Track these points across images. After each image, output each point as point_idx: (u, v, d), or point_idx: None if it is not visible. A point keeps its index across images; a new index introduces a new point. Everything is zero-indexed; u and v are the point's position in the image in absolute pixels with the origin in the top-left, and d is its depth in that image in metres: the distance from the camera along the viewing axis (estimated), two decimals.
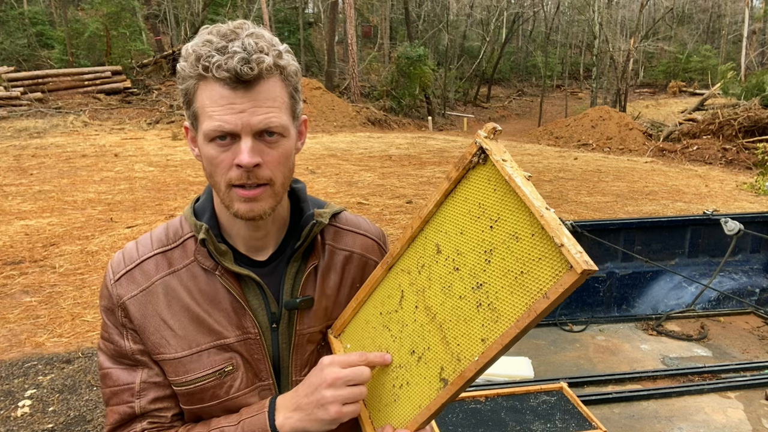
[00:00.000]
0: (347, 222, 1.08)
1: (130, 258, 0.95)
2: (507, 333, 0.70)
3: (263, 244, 0.97)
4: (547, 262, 0.67)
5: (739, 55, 30.58)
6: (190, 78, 0.83)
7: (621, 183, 10.97)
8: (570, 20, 38.24)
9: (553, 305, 0.67)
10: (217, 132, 0.81)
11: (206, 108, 0.82)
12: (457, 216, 0.80)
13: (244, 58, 0.78)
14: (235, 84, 0.79)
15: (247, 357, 0.94)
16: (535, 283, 0.68)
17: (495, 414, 2.10)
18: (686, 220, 3.84)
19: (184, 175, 10.13)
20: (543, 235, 0.68)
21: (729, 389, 2.44)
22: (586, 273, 0.63)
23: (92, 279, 5.28)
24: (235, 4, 25.39)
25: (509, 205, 0.73)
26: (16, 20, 22.12)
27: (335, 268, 1.02)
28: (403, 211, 8.00)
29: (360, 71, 25.08)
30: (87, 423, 3.20)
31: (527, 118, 28.34)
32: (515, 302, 0.70)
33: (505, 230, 0.73)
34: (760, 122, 14.65)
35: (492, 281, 0.74)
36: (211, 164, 0.85)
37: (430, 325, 0.82)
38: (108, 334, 0.95)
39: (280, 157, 0.86)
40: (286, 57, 0.84)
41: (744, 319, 3.39)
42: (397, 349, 0.87)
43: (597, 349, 2.97)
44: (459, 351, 0.77)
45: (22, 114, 16.22)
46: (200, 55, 0.80)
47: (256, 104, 0.81)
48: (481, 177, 0.77)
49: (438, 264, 0.82)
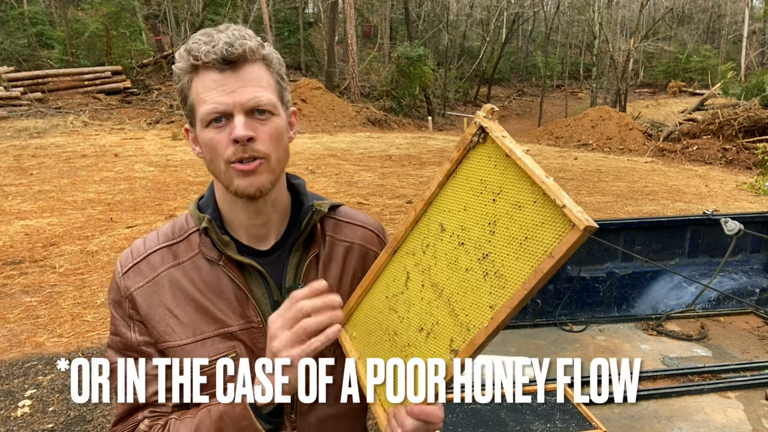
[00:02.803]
0: (347, 215, 1.10)
1: (138, 252, 0.99)
2: (515, 296, 0.73)
3: (265, 233, 1.00)
4: (550, 224, 0.70)
5: (739, 55, 30.58)
6: (184, 74, 0.89)
7: (621, 183, 10.97)
8: (570, 20, 38.24)
9: (557, 264, 0.69)
10: (213, 114, 0.87)
11: (200, 95, 0.88)
12: (460, 194, 0.82)
13: (229, 42, 0.86)
14: (223, 66, 0.86)
15: (250, 345, 0.95)
16: (539, 245, 0.71)
17: (495, 414, 2.10)
18: (686, 220, 3.84)
19: (184, 175, 10.13)
20: (545, 200, 0.70)
21: (729, 389, 2.44)
22: (588, 230, 0.66)
23: (92, 279, 5.28)
24: (235, 4, 25.38)
25: (510, 177, 0.75)
26: (16, 20, 22.11)
27: (336, 259, 1.04)
28: (403, 211, 8.00)
29: (360, 71, 25.08)
30: (87, 423, 3.20)
31: (527, 118, 28.34)
32: (521, 266, 0.72)
33: (507, 201, 0.75)
34: (760, 122, 14.64)
35: (497, 250, 0.76)
36: (210, 147, 0.90)
37: (438, 300, 0.83)
38: (115, 328, 0.98)
39: (272, 132, 0.90)
40: (267, 48, 0.92)
41: (744, 319, 3.39)
42: (405, 328, 0.88)
43: (597, 349, 2.97)
44: (468, 321, 0.78)
45: (22, 114, 16.22)
46: (190, 49, 0.88)
47: (244, 84, 0.87)
48: (482, 155, 0.80)
49: (443, 242, 0.84)
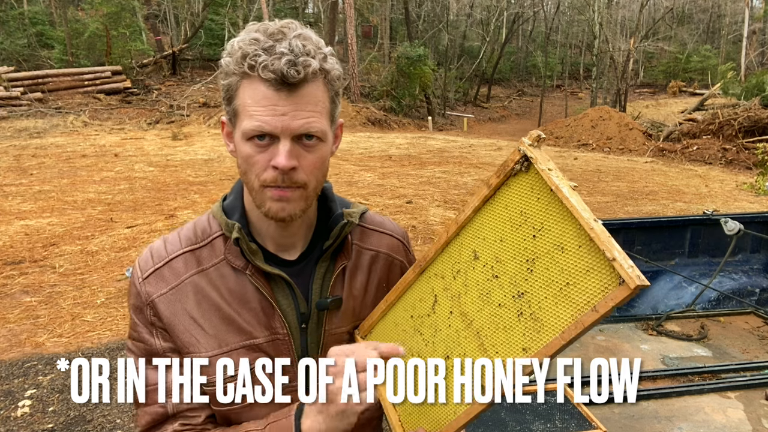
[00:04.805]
0: (372, 222, 1.07)
1: (159, 256, 0.94)
2: (552, 344, 0.69)
3: (292, 243, 0.97)
4: (596, 274, 0.66)
5: (739, 55, 30.58)
6: (234, 75, 0.82)
7: (621, 183, 10.97)
8: (570, 20, 38.24)
9: (600, 319, 0.66)
10: (257, 132, 0.81)
11: (248, 107, 0.81)
12: (497, 223, 0.78)
13: (291, 60, 0.78)
14: (280, 86, 0.79)
15: (275, 358, 0.93)
16: (581, 295, 0.67)
17: (495, 414, 2.10)
18: (686, 220, 3.84)
19: (184, 175, 10.12)
20: (591, 246, 0.66)
21: (729, 389, 2.44)
22: (638, 288, 0.62)
23: (92, 279, 5.28)
24: (235, 4, 25.37)
25: (554, 215, 0.71)
26: (16, 20, 22.12)
27: (362, 268, 1.02)
28: (403, 211, 7.99)
29: (360, 71, 25.07)
30: (87, 423, 3.20)
31: (527, 118, 28.33)
32: (560, 313, 0.69)
33: (549, 240, 0.71)
34: (760, 122, 14.64)
35: (534, 291, 0.72)
36: (247, 163, 0.84)
37: (466, 331, 0.80)
38: (138, 333, 0.93)
39: (316, 161, 0.85)
40: (330, 61, 0.84)
41: (744, 319, 3.39)
42: (430, 353, 0.85)
43: (597, 349, 2.97)
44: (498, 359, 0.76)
45: (22, 114, 16.22)
46: (246, 53, 0.79)
47: (298, 108, 0.80)
48: (523, 185, 0.75)
49: (475, 270, 0.80)
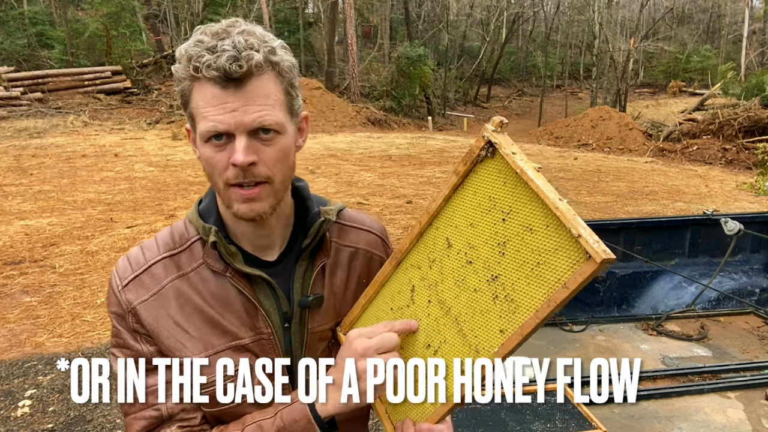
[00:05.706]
0: (350, 218, 1.08)
1: (137, 263, 0.94)
2: (527, 323, 0.71)
3: (269, 243, 0.96)
4: (564, 252, 0.68)
5: (739, 55, 30.58)
6: (185, 79, 0.82)
7: (621, 183, 10.97)
8: (570, 20, 38.21)
9: (571, 295, 0.68)
10: (212, 132, 0.81)
11: (200, 109, 0.82)
12: (467, 209, 0.80)
13: (233, 55, 0.78)
14: (226, 83, 0.79)
15: (261, 357, 0.93)
16: (552, 273, 0.69)
17: (495, 414, 2.10)
18: (686, 220, 3.84)
19: (184, 175, 10.12)
20: (558, 226, 0.68)
21: (729, 389, 2.44)
22: (605, 262, 0.64)
23: (92, 279, 5.28)
24: (235, 4, 25.38)
25: (521, 198, 0.73)
26: (16, 20, 22.11)
27: (341, 265, 1.02)
28: (403, 211, 7.99)
29: (360, 71, 25.07)
30: (87, 423, 3.20)
31: (527, 118, 28.33)
32: (533, 293, 0.71)
33: (518, 222, 0.73)
34: (760, 122, 14.64)
35: (507, 273, 0.74)
36: (209, 164, 0.85)
37: (445, 318, 0.82)
38: (123, 340, 0.93)
39: (276, 154, 0.85)
40: (279, 53, 0.83)
41: (744, 319, 3.39)
42: (411, 343, 0.87)
43: (597, 349, 2.97)
44: (477, 343, 0.77)
45: (22, 114, 16.22)
46: (191, 55, 0.80)
47: (248, 102, 0.80)
48: (490, 170, 0.77)
49: (450, 258, 0.82)
